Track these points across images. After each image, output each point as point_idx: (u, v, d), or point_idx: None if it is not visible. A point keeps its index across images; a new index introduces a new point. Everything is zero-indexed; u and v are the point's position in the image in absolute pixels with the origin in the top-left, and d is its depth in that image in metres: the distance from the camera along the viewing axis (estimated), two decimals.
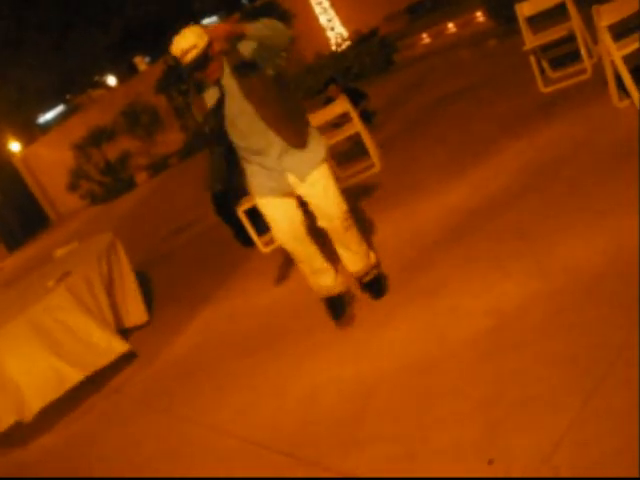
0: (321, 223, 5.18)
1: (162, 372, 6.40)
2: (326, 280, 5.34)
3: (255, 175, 5.08)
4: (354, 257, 5.33)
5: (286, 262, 7.18)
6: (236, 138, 4.94)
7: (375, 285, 5.44)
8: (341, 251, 5.32)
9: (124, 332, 7.26)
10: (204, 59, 4.64)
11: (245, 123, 4.84)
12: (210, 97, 4.84)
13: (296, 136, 4.94)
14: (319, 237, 5.30)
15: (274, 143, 4.89)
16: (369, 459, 3.70)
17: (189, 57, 4.61)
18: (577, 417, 3.16)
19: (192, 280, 8.69)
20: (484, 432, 3.40)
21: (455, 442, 3.46)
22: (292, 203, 5.12)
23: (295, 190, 5.06)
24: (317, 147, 5.06)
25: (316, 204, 5.10)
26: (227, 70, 4.78)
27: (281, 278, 6.93)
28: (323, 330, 5.37)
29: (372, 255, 5.47)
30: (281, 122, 4.87)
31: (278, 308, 6.31)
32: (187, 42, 4.61)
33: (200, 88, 4.90)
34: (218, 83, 4.79)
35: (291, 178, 5.00)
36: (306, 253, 5.20)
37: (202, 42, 4.62)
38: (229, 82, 4.79)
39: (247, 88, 4.77)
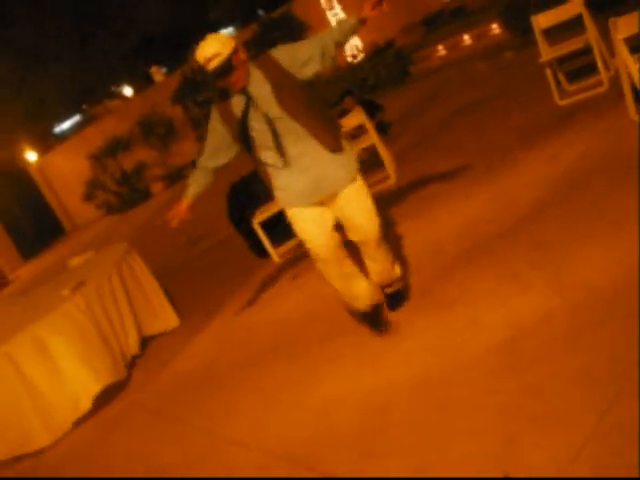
0: (353, 237, 5.09)
1: (176, 382, 6.40)
2: (360, 289, 5.20)
3: (285, 185, 4.95)
4: (381, 269, 5.26)
5: (300, 273, 7.19)
6: (265, 146, 4.85)
7: (397, 297, 5.42)
8: (369, 262, 5.23)
9: (147, 339, 7.32)
10: (228, 67, 4.59)
11: (279, 129, 4.75)
12: (236, 104, 4.77)
13: (334, 140, 4.86)
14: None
15: (309, 150, 4.81)
16: (385, 471, 3.69)
17: (212, 65, 4.57)
18: (593, 433, 3.14)
19: (207, 290, 8.70)
20: (500, 445, 3.38)
21: (471, 455, 3.44)
22: (324, 213, 4.97)
23: (328, 201, 4.95)
24: (351, 158, 5.00)
25: (349, 218, 4.98)
26: (256, 77, 4.71)
27: (295, 289, 6.93)
28: (338, 341, 5.37)
29: (397, 267, 5.42)
30: (319, 127, 4.80)
31: (292, 318, 6.30)
32: (210, 50, 4.58)
33: (225, 95, 4.83)
34: (244, 91, 4.72)
35: (325, 188, 4.90)
36: (339, 265, 5.06)
37: (226, 50, 4.58)
38: (259, 89, 4.71)
39: (281, 94, 4.70)
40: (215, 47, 4.58)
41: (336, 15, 23.90)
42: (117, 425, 6.15)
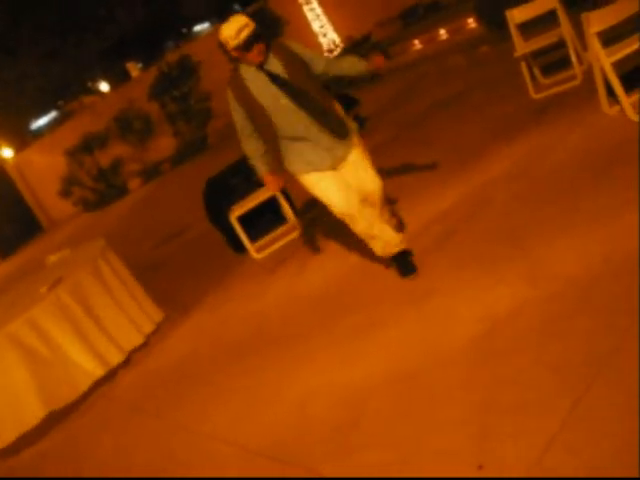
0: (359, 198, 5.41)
1: (155, 378, 6.40)
2: (388, 235, 5.50)
3: (300, 153, 5.31)
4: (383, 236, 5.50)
5: (277, 268, 7.21)
6: (282, 120, 5.20)
7: (403, 259, 5.57)
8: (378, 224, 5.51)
9: None
10: (257, 36, 5.06)
11: (291, 106, 5.15)
12: (253, 79, 5.18)
13: (337, 115, 5.32)
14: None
15: (317, 119, 5.20)
16: (362, 465, 3.71)
17: (244, 34, 5.03)
18: (566, 421, 3.18)
19: (185, 286, 8.69)
20: (475, 437, 3.42)
21: (446, 447, 3.48)
22: (340, 175, 5.37)
23: (338, 166, 5.37)
24: (351, 129, 5.43)
25: (357, 179, 5.40)
26: (271, 57, 5.16)
27: (273, 284, 6.95)
28: (316, 336, 5.39)
29: (401, 234, 5.70)
30: (325, 102, 5.28)
31: (271, 314, 6.32)
32: (240, 21, 5.08)
33: (241, 72, 5.24)
34: (261, 67, 5.15)
35: (337, 154, 5.32)
36: (363, 218, 5.38)
37: (252, 23, 5.10)
38: (275, 67, 5.15)
39: (292, 71, 5.15)
40: (243, 20, 5.10)
41: (313, 10, 23.83)
42: (96, 422, 6.15)
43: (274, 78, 5.13)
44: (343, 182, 5.35)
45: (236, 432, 4.74)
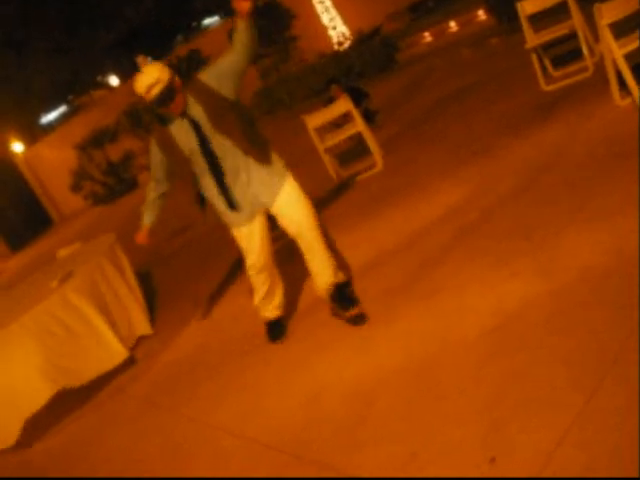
0: (289, 230, 5.23)
1: (165, 372, 6.40)
2: (278, 299, 5.68)
3: (225, 208, 5.15)
4: (321, 267, 5.32)
5: (287, 262, 7.19)
6: (202, 168, 5.01)
7: (343, 295, 5.39)
8: (309, 262, 5.35)
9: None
10: (169, 92, 4.74)
11: (218, 145, 4.91)
12: (178, 130, 4.90)
13: (264, 155, 5.03)
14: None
15: (242, 166, 4.97)
16: (372, 459, 3.70)
17: (154, 92, 4.73)
18: (579, 416, 3.16)
19: (195, 280, 8.69)
20: (487, 431, 3.40)
21: (458, 441, 3.46)
22: (262, 224, 5.24)
23: (266, 209, 5.19)
24: (279, 168, 5.12)
25: (285, 213, 5.15)
26: (191, 100, 4.86)
27: (282, 278, 6.93)
28: (325, 330, 5.38)
29: (340, 274, 5.47)
30: (250, 143, 4.95)
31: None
32: (151, 77, 4.74)
33: (164, 121, 4.97)
34: (184, 115, 4.86)
35: (262, 203, 5.12)
36: (270, 274, 5.51)
37: (165, 76, 4.75)
38: (195, 112, 4.86)
39: (214, 114, 4.84)
40: (154, 75, 4.74)
41: (322, 2, 23.82)
42: (106, 415, 6.15)
43: (195, 125, 4.87)
44: (263, 234, 5.28)
45: (246, 425, 4.73)
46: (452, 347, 4.27)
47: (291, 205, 5.11)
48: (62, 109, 35.69)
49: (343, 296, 5.36)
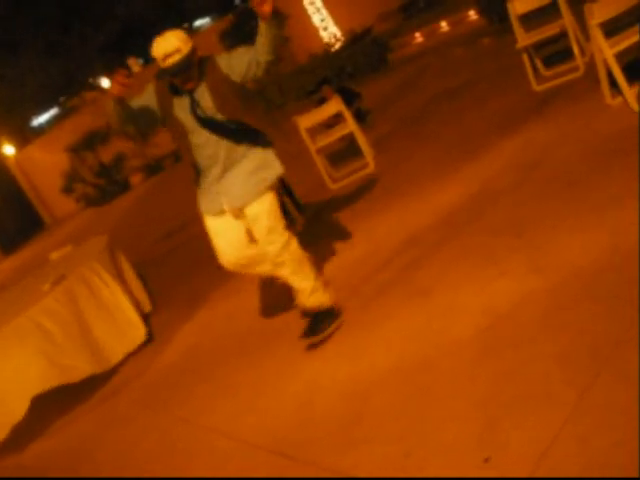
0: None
1: (160, 373, 6.40)
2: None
3: (204, 189, 5.09)
4: (298, 288, 5.22)
5: None
6: (195, 145, 4.91)
7: (313, 320, 5.22)
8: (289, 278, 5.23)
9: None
10: (187, 64, 4.60)
11: (205, 135, 4.83)
12: (179, 105, 4.81)
13: (256, 152, 4.94)
14: None
15: (219, 159, 4.88)
16: (366, 459, 3.70)
17: (170, 61, 4.57)
18: (573, 413, 3.17)
19: (188, 281, 8.69)
20: (481, 430, 3.41)
21: (452, 441, 3.47)
22: (236, 227, 5.08)
23: (238, 213, 5.02)
24: (267, 177, 4.97)
25: (255, 231, 5.01)
26: (202, 84, 4.77)
27: (277, 278, 6.93)
28: None
29: (317, 297, 5.22)
30: (240, 133, 4.88)
31: (273, 308, 6.31)
32: (171, 45, 4.57)
33: (172, 89, 4.84)
34: (190, 92, 4.76)
35: (230, 201, 4.98)
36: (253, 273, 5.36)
37: (186, 48, 4.60)
38: (201, 91, 4.77)
39: (218, 96, 4.75)
40: (176, 43, 4.57)
41: (313, 3, 23.82)
42: (100, 417, 6.15)
43: (195, 109, 4.77)
44: (233, 235, 5.09)
45: (240, 426, 4.73)
46: (445, 346, 4.28)
47: (260, 224, 4.94)
48: (53, 111, 35.59)
49: (313, 321, 5.20)
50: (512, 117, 7.51)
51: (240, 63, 4.70)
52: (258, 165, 4.94)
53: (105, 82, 32.58)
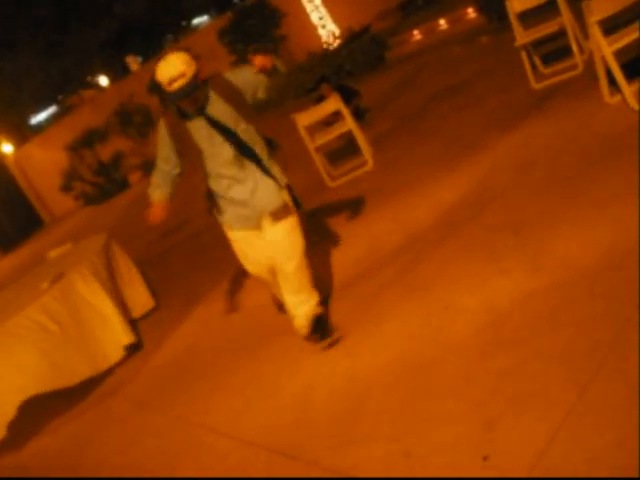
0: (276, 263, 5.05)
1: (157, 372, 6.39)
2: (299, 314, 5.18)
3: (227, 209, 5.06)
4: (299, 302, 5.15)
5: None
6: (214, 166, 4.91)
7: (317, 326, 5.15)
8: (286, 296, 5.16)
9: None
10: (192, 88, 4.58)
11: (228, 151, 4.82)
12: (194, 125, 4.78)
13: (270, 167, 4.96)
14: None
15: (250, 174, 4.89)
16: (365, 457, 3.70)
17: (176, 86, 4.55)
18: (572, 412, 3.17)
19: (186, 280, 8.68)
20: (480, 429, 3.40)
21: (451, 439, 3.46)
22: (256, 236, 5.08)
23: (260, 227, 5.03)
24: (283, 190, 5.01)
25: (275, 243, 4.99)
26: (214, 97, 4.75)
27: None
28: None
29: (314, 302, 5.20)
30: (259, 150, 4.92)
31: (271, 308, 6.30)
32: (175, 70, 4.54)
33: (182, 114, 4.81)
34: (202, 112, 4.74)
35: (258, 211, 4.97)
36: (277, 286, 5.28)
37: (190, 71, 4.57)
38: (217, 108, 4.75)
39: (234, 115, 4.77)
40: (180, 67, 4.55)
41: (312, 1, 23.78)
42: (98, 417, 6.14)
43: (215, 124, 4.76)
44: (260, 246, 5.08)
45: (237, 425, 4.73)
46: (444, 344, 4.28)
47: (282, 234, 4.97)
48: (52, 109, 35.59)
49: (320, 327, 5.14)
50: (511, 115, 7.50)
51: (250, 76, 4.80)
52: (276, 183, 4.98)
53: (103, 80, 32.60)
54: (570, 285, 4.12)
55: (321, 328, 5.11)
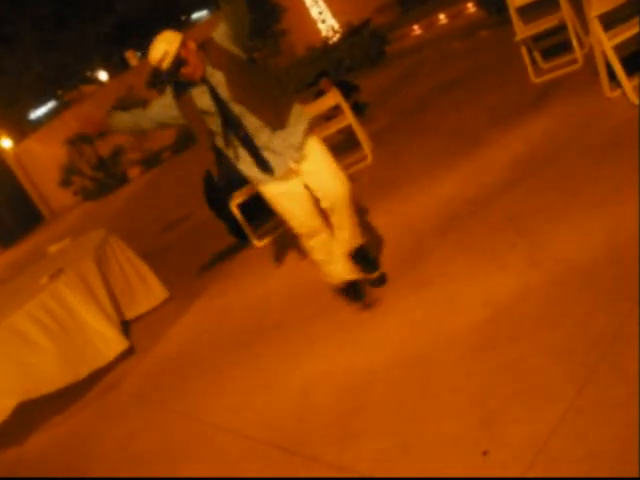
0: (324, 203, 5.07)
1: (157, 367, 6.39)
2: (341, 264, 5.21)
3: (250, 165, 5.01)
4: (350, 236, 5.25)
5: (279, 256, 7.19)
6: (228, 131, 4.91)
7: (365, 260, 5.40)
8: (338, 231, 5.21)
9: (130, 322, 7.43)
10: (179, 63, 4.68)
11: (236, 110, 4.83)
12: (199, 95, 4.83)
13: (280, 117, 4.90)
14: None
15: (261, 126, 4.86)
16: (364, 453, 3.70)
17: (164, 65, 4.68)
18: (571, 407, 3.16)
19: (186, 274, 8.68)
20: (479, 424, 3.40)
21: (450, 434, 3.46)
22: (298, 186, 5.04)
23: (295, 171, 5.00)
24: (299, 124, 4.99)
25: (316, 179, 5.02)
26: (209, 67, 4.78)
27: (275, 271, 6.93)
28: (317, 322, 5.38)
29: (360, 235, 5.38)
30: (260, 105, 4.86)
31: (272, 302, 6.31)
32: (158, 52, 4.69)
33: (185, 87, 4.86)
34: (203, 80, 4.79)
35: (287, 157, 4.95)
36: (321, 238, 5.15)
37: (172, 48, 4.66)
38: (213, 75, 4.79)
39: (233, 80, 4.77)
40: (162, 48, 4.68)
41: None
42: (99, 411, 6.15)
43: (214, 91, 4.78)
44: (300, 195, 5.05)
45: (238, 420, 4.73)
46: (444, 339, 4.27)
47: (320, 167, 5.03)
48: (51, 104, 35.56)
49: (365, 259, 5.39)
50: (511, 109, 7.49)
51: (223, 27, 4.76)
52: (294, 129, 4.96)
53: (103, 75, 32.58)
54: (570, 281, 4.11)
55: (365, 261, 5.36)
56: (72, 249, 8.10)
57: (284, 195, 5.05)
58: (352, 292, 5.32)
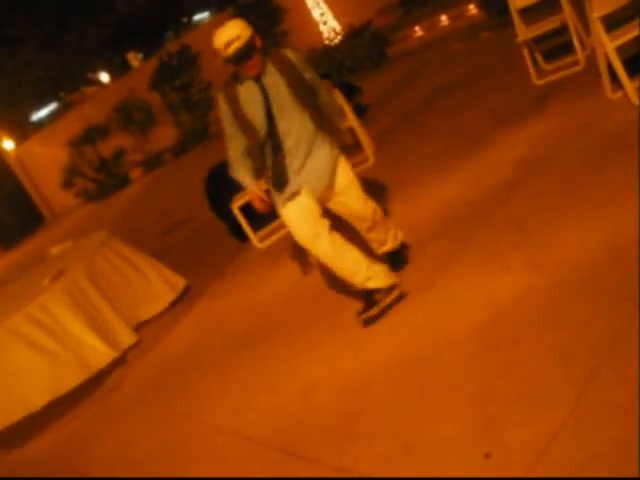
0: (356, 225, 5.27)
1: (159, 369, 6.39)
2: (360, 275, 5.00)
3: (279, 173, 5.00)
4: (383, 241, 5.41)
5: (281, 257, 7.18)
6: (273, 137, 4.92)
7: (396, 257, 5.50)
8: (367, 235, 5.39)
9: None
10: (249, 50, 4.65)
11: (285, 120, 4.84)
12: (246, 91, 4.82)
13: (326, 137, 5.02)
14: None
15: (303, 142, 4.90)
16: (366, 454, 3.70)
17: (232, 48, 4.64)
18: (573, 410, 3.16)
19: (187, 276, 8.67)
20: (481, 426, 3.40)
21: (452, 436, 3.46)
22: (312, 206, 4.97)
23: (317, 195, 5.01)
24: (331, 149, 5.05)
25: (344, 205, 5.16)
26: (270, 68, 4.79)
27: (276, 273, 6.93)
28: (319, 325, 5.37)
29: (399, 234, 5.53)
30: (318, 122, 4.96)
31: (274, 303, 6.31)
32: (232, 33, 4.65)
33: (236, 79, 4.87)
34: (258, 79, 4.78)
35: (318, 183, 4.99)
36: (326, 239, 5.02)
37: (246, 33, 4.67)
38: (272, 79, 4.79)
39: (294, 85, 4.80)
40: (236, 30, 4.66)
41: None
42: (100, 413, 6.14)
43: (266, 94, 4.78)
44: (312, 215, 4.96)
45: (239, 422, 4.73)
46: (445, 341, 4.27)
47: (347, 194, 5.13)
48: (53, 106, 35.55)
49: (396, 258, 5.51)
50: (512, 111, 7.48)
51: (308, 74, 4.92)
52: (330, 152, 5.04)
53: (104, 76, 32.58)
54: (571, 283, 4.11)
55: (399, 259, 5.49)
56: (73, 251, 8.09)
57: (296, 212, 4.99)
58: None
